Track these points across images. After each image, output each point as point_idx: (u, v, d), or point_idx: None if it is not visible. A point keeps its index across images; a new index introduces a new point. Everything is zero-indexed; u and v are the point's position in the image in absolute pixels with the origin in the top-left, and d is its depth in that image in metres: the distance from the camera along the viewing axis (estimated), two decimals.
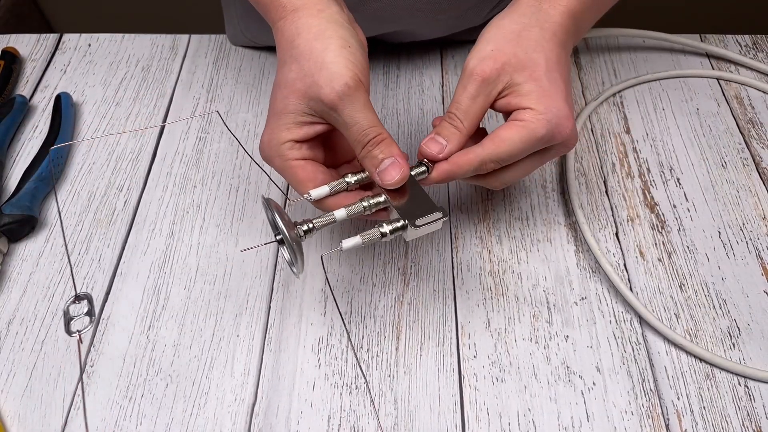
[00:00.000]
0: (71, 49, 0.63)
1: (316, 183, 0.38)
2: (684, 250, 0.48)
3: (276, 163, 0.39)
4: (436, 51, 0.62)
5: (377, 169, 0.37)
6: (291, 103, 0.37)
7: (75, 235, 0.49)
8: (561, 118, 0.37)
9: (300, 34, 0.37)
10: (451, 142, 0.39)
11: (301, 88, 0.37)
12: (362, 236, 0.36)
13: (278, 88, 0.38)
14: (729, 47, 0.62)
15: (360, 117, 0.36)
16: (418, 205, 0.37)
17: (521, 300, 0.45)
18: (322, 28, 0.37)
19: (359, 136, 0.37)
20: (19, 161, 0.54)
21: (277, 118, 0.38)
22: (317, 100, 0.36)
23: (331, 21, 0.38)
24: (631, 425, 0.40)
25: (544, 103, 0.37)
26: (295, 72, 0.37)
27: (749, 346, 0.43)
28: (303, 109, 0.37)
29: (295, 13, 0.38)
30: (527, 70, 0.38)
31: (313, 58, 0.36)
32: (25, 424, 0.40)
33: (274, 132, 0.38)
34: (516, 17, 0.39)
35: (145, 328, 0.44)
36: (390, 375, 0.42)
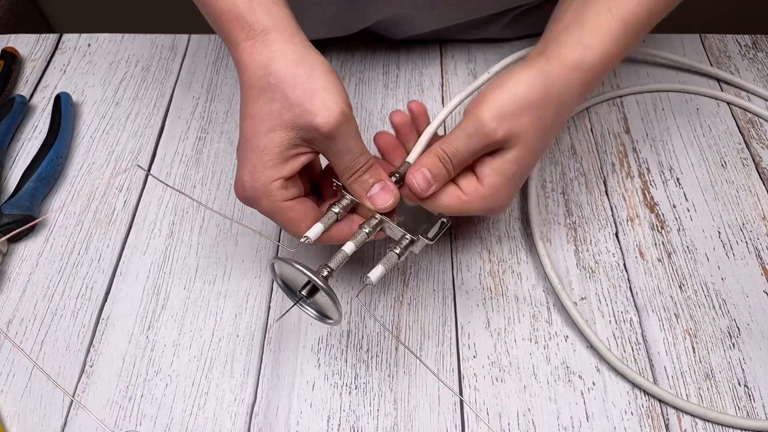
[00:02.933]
0: (71, 49, 0.63)
1: (307, 222, 0.37)
2: (684, 250, 0.48)
3: (263, 205, 0.36)
4: (435, 51, 0.62)
5: (368, 194, 0.37)
6: (277, 136, 0.35)
7: (74, 235, 0.49)
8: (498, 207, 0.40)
9: (276, 60, 0.35)
10: (438, 182, 0.39)
11: (289, 119, 0.35)
12: (383, 264, 0.36)
13: (258, 120, 0.35)
14: (729, 47, 0.61)
15: (354, 145, 0.36)
16: (417, 217, 0.38)
17: (521, 300, 0.45)
18: (300, 53, 0.35)
19: (351, 163, 0.36)
20: (19, 161, 0.54)
21: (260, 155, 0.35)
22: (309, 129, 0.35)
23: (306, 47, 0.36)
24: (631, 425, 0.40)
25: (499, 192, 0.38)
26: (278, 101, 0.35)
27: (749, 346, 0.43)
28: (291, 141, 0.35)
29: (266, 35, 0.36)
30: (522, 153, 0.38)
31: (299, 86, 0.35)
32: (24, 424, 0.40)
33: (257, 171, 0.36)
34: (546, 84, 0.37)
35: (144, 328, 0.44)
36: (390, 375, 0.42)
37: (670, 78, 0.59)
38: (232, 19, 0.36)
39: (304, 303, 0.38)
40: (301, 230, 0.37)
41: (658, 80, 0.59)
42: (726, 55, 0.61)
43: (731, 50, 0.61)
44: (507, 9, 0.58)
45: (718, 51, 0.61)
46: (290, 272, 0.37)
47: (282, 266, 0.37)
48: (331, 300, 0.35)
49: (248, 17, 0.36)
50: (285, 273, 0.38)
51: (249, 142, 0.36)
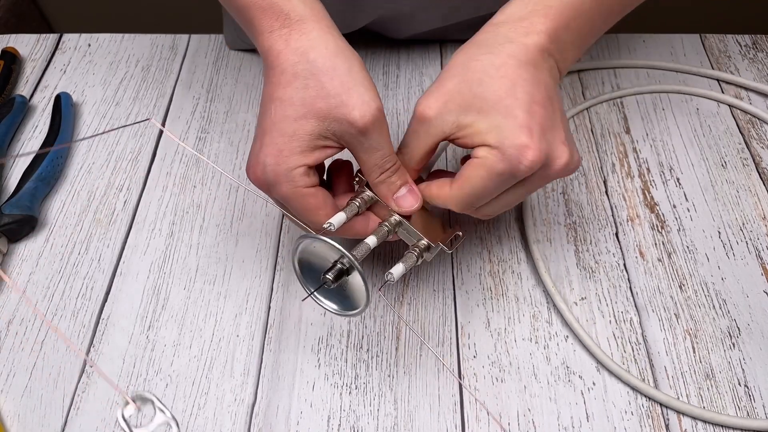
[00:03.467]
0: (71, 49, 0.63)
1: (326, 210, 0.37)
2: (684, 250, 0.48)
3: (283, 189, 0.36)
4: (435, 51, 0.62)
5: (395, 195, 0.37)
6: (308, 124, 0.35)
7: (75, 235, 0.49)
8: (518, 147, 0.34)
9: (315, 48, 0.35)
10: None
11: (323, 108, 0.34)
12: (404, 263, 0.37)
13: (288, 104, 0.35)
14: (729, 47, 0.61)
15: (386, 143, 0.36)
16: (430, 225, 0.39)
17: (521, 300, 0.45)
18: (340, 45, 0.35)
19: (382, 161, 0.36)
20: (19, 161, 0.54)
21: (288, 140, 0.35)
22: (344, 122, 0.34)
23: (343, 40, 0.36)
24: (631, 425, 0.40)
25: (498, 137, 0.35)
26: (313, 89, 0.34)
27: (749, 346, 0.43)
28: (321, 132, 0.35)
29: (302, 24, 0.35)
30: (474, 108, 0.35)
31: (338, 77, 0.34)
32: (24, 424, 0.40)
33: (283, 155, 0.35)
34: (467, 48, 0.37)
35: (144, 328, 0.44)
36: (390, 375, 0.42)
37: (671, 78, 0.59)
38: (265, 8, 0.36)
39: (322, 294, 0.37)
40: (319, 217, 0.37)
41: (658, 80, 0.59)
42: (726, 55, 0.61)
43: (731, 50, 0.61)
44: None
45: (718, 51, 0.61)
46: (315, 255, 0.36)
47: (311, 244, 0.35)
48: (363, 282, 0.34)
49: (284, 6, 0.35)
50: (311, 252, 0.36)
51: (276, 125, 0.35)
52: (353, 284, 0.36)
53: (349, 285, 0.36)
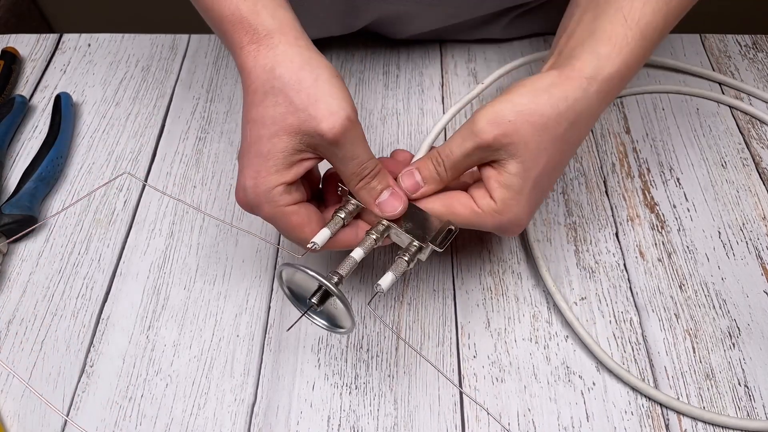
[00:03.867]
0: (71, 49, 0.63)
1: (311, 227, 0.36)
2: (684, 250, 0.48)
3: (265, 210, 0.36)
4: (436, 51, 0.62)
5: (377, 200, 0.37)
6: (281, 142, 0.34)
7: (75, 235, 0.49)
8: (513, 225, 0.37)
9: (281, 64, 0.34)
10: (428, 185, 0.38)
11: (294, 123, 0.34)
12: (393, 271, 0.36)
13: (261, 125, 0.35)
14: (729, 47, 0.61)
15: (360, 151, 0.35)
16: (424, 224, 0.37)
17: (521, 300, 0.45)
18: (306, 57, 0.35)
19: (359, 169, 0.36)
20: (19, 161, 0.54)
21: (264, 161, 0.35)
22: (314, 134, 0.34)
23: (311, 50, 0.36)
24: (631, 425, 0.40)
25: (510, 208, 0.36)
26: (283, 106, 0.34)
27: (749, 346, 0.43)
28: (295, 147, 0.35)
29: (270, 39, 0.35)
30: (524, 166, 0.35)
31: (304, 90, 0.34)
32: (24, 424, 0.40)
33: (261, 176, 0.35)
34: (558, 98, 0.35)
35: (144, 328, 0.44)
36: (390, 375, 0.42)
37: (671, 79, 0.59)
38: (235, 22, 0.36)
39: (312, 313, 0.37)
40: (305, 235, 0.36)
41: (658, 81, 0.59)
42: (726, 55, 0.61)
43: (731, 50, 0.61)
44: (507, 8, 0.58)
45: (718, 51, 0.61)
46: (300, 279, 0.36)
47: (291, 273, 0.36)
48: (344, 306, 0.34)
49: (252, 21, 0.35)
50: (294, 280, 0.37)
51: (252, 147, 0.35)
52: (339, 305, 0.35)
53: (336, 305, 0.36)
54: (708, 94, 0.57)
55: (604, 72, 0.36)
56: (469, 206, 0.37)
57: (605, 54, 0.36)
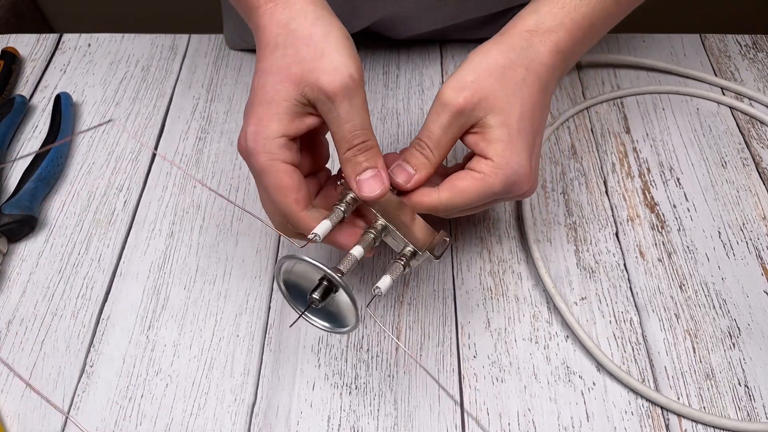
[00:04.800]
0: (71, 49, 0.63)
1: (297, 195, 0.35)
2: (684, 250, 0.48)
3: (260, 159, 0.35)
4: (435, 51, 0.62)
5: (358, 177, 0.36)
6: (284, 89, 0.34)
7: (75, 235, 0.49)
8: (520, 175, 0.37)
9: (295, 19, 0.35)
10: (419, 171, 0.38)
11: (297, 73, 0.34)
12: (390, 274, 0.36)
13: (267, 73, 0.35)
14: (729, 47, 0.61)
15: (356, 115, 0.35)
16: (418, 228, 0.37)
17: (521, 300, 0.45)
18: (320, 14, 0.35)
19: (350, 135, 0.35)
20: (19, 161, 0.54)
21: (267, 107, 0.35)
22: (315, 87, 0.34)
23: (327, 9, 0.36)
24: (631, 425, 0.40)
25: (507, 157, 0.36)
26: (290, 56, 0.34)
27: (749, 346, 0.43)
28: (296, 97, 0.35)
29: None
30: (502, 115, 0.36)
31: (313, 44, 0.34)
32: (24, 424, 0.40)
33: (263, 122, 0.35)
34: (505, 50, 0.37)
35: (145, 328, 0.44)
36: (390, 375, 0.42)
37: (671, 79, 0.59)
38: None
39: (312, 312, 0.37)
40: (289, 201, 0.35)
41: (658, 81, 0.59)
42: (726, 55, 0.61)
43: (731, 50, 0.61)
44: (506, 9, 0.58)
45: (718, 51, 0.61)
46: (300, 273, 0.35)
47: (292, 265, 0.35)
48: (349, 298, 0.33)
49: None
50: (295, 273, 0.36)
51: (257, 95, 0.35)
52: (341, 301, 0.35)
53: (337, 302, 0.35)
54: (708, 94, 0.57)
55: (545, 25, 0.38)
56: (470, 177, 0.37)
57: (546, 11, 0.38)
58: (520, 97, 0.37)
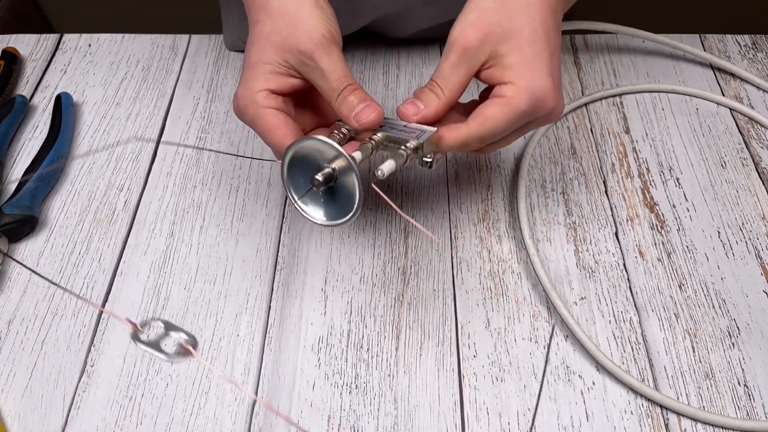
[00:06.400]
0: (71, 49, 0.63)
1: (286, 132, 0.39)
2: (683, 249, 0.48)
3: (249, 111, 0.39)
4: (435, 50, 0.62)
5: (353, 113, 0.38)
6: (267, 54, 0.39)
7: (75, 234, 0.49)
8: (544, 91, 0.37)
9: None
10: (428, 107, 0.39)
11: (277, 41, 0.38)
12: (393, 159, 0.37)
13: (252, 44, 0.40)
14: (729, 47, 0.62)
15: (336, 66, 0.38)
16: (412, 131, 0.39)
17: (521, 300, 0.45)
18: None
19: (336, 83, 0.38)
20: (20, 161, 0.54)
21: (253, 69, 0.39)
22: (294, 51, 0.38)
23: None
24: (631, 425, 0.40)
25: (526, 76, 0.37)
26: (269, 27, 0.39)
27: (749, 346, 0.43)
28: (278, 60, 0.39)
29: None
30: (511, 40, 0.37)
31: (288, 16, 0.38)
32: (25, 423, 0.40)
33: (249, 81, 0.39)
34: None
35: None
36: (390, 375, 0.42)
37: (670, 79, 0.59)
38: None
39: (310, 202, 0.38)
40: (278, 137, 0.38)
41: (658, 80, 0.59)
42: (726, 55, 0.61)
43: (731, 50, 0.61)
44: None
45: (718, 51, 0.61)
46: (309, 151, 0.37)
47: (302, 145, 0.37)
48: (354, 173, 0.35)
49: None
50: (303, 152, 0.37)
51: (246, 60, 0.40)
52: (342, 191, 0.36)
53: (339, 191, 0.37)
54: (707, 94, 0.57)
55: None
56: (495, 103, 0.37)
57: None
58: (526, 21, 0.37)
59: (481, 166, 0.53)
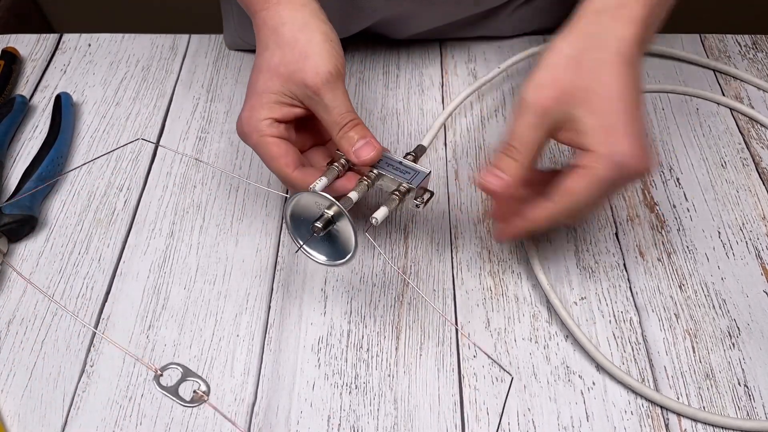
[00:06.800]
0: (71, 49, 0.63)
1: (286, 159, 0.41)
2: (684, 250, 0.48)
3: (253, 138, 0.41)
4: (435, 50, 0.62)
5: (353, 148, 0.41)
6: (274, 84, 0.40)
7: (75, 234, 0.49)
8: (626, 156, 0.35)
9: (284, 24, 0.40)
10: (509, 174, 0.37)
11: (285, 73, 0.40)
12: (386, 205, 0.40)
13: (260, 71, 0.41)
14: (729, 47, 0.61)
15: (340, 102, 0.40)
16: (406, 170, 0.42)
17: (521, 300, 0.45)
18: (306, 21, 0.41)
19: (339, 118, 0.40)
20: (20, 161, 0.54)
21: (259, 97, 0.41)
22: (301, 85, 0.40)
23: (314, 16, 0.41)
24: (631, 425, 0.40)
25: (607, 143, 0.35)
26: (278, 58, 0.40)
27: (749, 346, 0.43)
28: (283, 91, 0.41)
29: (279, 5, 0.41)
30: (586, 103, 0.36)
31: (298, 48, 0.40)
32: (25, 424, 0.40)
33: (254, 109, 0.41)
34: (574, 40, 0.37)
35: (145, 328, 0.44)
36: (390, 375, 0.42)
37: (671, 78, 0.59)
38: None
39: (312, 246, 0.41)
40: (281, 166, 0.41)
41: (658, 80, 0.59)
42: (726, 55, 0.61)
43: (731, 50, 0.61)
44: (505, 3, 0.58)
45: (718, 51, 0.61)
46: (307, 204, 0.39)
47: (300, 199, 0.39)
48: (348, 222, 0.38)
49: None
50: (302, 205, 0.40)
51: (252, 86, 0.42)
52: (340, 234, 0.39)
53: (338, 234, 0.39)
54: (708, 94, 0.57)
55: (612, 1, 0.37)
56: (575, 174, 0.36)
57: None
58: (602, 80, 0.36)
59: (481, 166, 0.53)
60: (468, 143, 0.55)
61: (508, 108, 0.57)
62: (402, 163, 0.42)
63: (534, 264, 0.46)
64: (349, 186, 0.42)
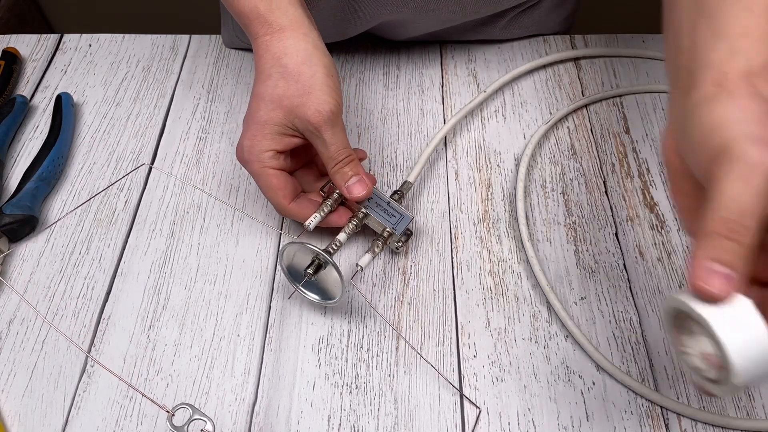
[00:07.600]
0: (72, 49, 0.63)
1: (285, 191, 0.44)
2: (683, 250, 0.48)
3: (254, 167, 0.43)
4: (435, 51, 0.62)
5: (346, 183, 0.43)
6: (275, 116, 0.42)
7: (75, 235, 0.49)
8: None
9: (287, 54, 0.42)
10: (735, 266, 0.26)
11: (288, 106, 0.41)
12: (370, 252, 0.44)
13: (262, 99, 0.42)
14: None
15: (338, 138, 0.42)
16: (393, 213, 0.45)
17: (521, 300, 0.46)
18: (309, 53, 0.42)
19: (335, 154, 0.42)
20: (20, 161, 0.54)
21: (261, 127, 0.42)
22: (303, 119, 0.41)
23: (316, 48, 0.42)
24: (631, 425, 0.40)
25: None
26: (282, 89, 0.41)
27: None
28: (285, 122, 0.42)
29: (282, 33, 0.42)
30: None
31: (301, 82, 0.41)
32: (25, 424, 0.41)
33: (257, 138, 0.43)
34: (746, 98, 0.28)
35: (145, 328, 0.44)
36: (390, 375, 0.42)
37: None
38: (253, 18, 0.42)
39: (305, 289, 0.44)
40: (279, 198, 0.44)
41: (658, 81, 0.59)
42: None
43: None
44: (503, 10, 0.58)
45: None
46: (298, 254, 0.42)
47: (291, 249, 0.42)
48: (336, 271, 0.41)
49: (268, 17, 0.42)
50: (293, 255, 0.43)
51: (254, 115, 0.43)
52: (330, 277, 0.42)
53: (327, 278, 0.43)
54: None
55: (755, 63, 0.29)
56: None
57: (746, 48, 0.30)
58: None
59: (481, 166, 0.53)
60: (468, 143, 0.55)
61: (508, 108, 0.57)
62: (390, 204, 0.45)
63: (534, 264, 0.46)
64: (341, 222, 0.45)
